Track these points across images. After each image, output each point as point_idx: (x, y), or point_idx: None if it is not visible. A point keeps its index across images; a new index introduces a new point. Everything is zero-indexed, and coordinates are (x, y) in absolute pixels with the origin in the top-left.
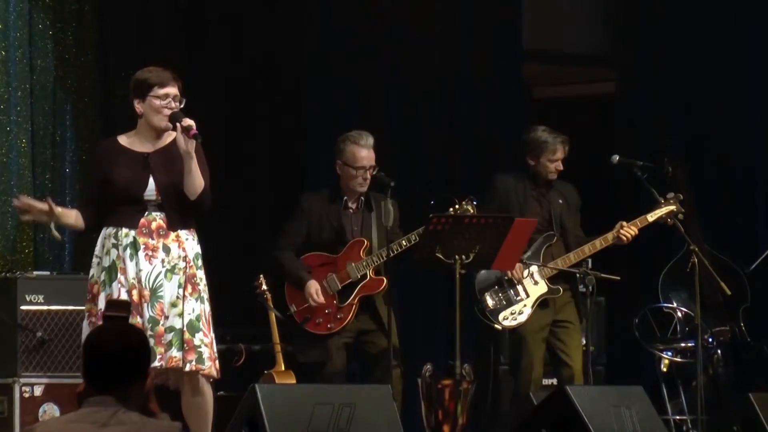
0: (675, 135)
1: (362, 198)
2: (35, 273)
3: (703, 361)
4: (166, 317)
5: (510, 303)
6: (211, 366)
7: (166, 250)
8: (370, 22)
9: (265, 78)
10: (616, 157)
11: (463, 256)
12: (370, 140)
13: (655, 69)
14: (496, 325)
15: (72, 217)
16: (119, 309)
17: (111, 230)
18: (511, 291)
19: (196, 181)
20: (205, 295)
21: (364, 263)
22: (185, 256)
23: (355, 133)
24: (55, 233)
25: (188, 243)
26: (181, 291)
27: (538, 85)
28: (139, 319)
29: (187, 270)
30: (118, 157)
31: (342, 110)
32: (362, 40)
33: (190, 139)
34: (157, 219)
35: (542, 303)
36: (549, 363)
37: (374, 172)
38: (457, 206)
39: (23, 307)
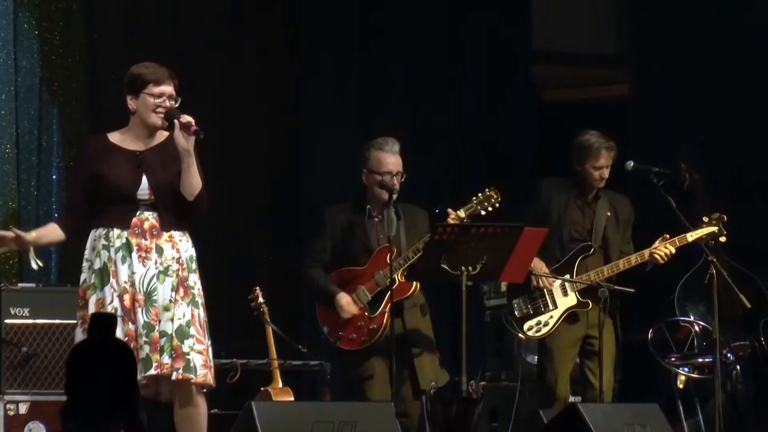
0: (692, 140)
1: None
2: (20, 285)
3: (722, 377)
4: (159, 321)
5: (537, 313)
6: (206, 374)
7: (159, 250)
8: (375, 22)
9: (261, 80)
10: (630, 163)
11: (470, 268)
12: (396, 146)
13: (671, 70)
14: (519, 334)
15: (49, 235)
16: (103, 323)
17: (101, 231)
18: (540, 301)
19: (194, 180)
20: (200, 300)
21: (389, 270)
22: (179, 258)
23: (381, 140)
24: (35, 261)
25: (182, 244)
26: (173, 294)
27: (550, 87)
28: (131, 326)
29: (180, 272)
30: (109, 155)
31: (345, 115)
32: (367, 43)
33: (190, 136)
34: (149, 218)
35: (573, 317)
36: (577, 381)
37: (403, 179)
38: (480, 195)
39: (8, 321)
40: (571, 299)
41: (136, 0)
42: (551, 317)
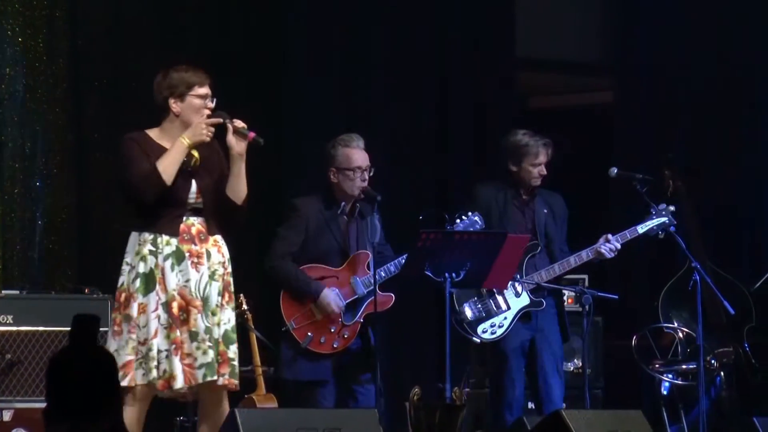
0: (677, 146)
1: (357, 205)
2: (4, 292)
3: (706, 383)
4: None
5: (490, 315)
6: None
7: (208, 255)
8: (359, 29)
9: (243, 85)
10: (614, 170)
11: (454, 274)
12: (361, 142)
13: (656, 78)
14: (474, 338)
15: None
16: (87, 325)
17: (148, 236)
18: (492, 302)
19: (243, 185)
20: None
21: (369, 278)
22: (224, 262)
23: (345, 136)
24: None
25: (224, 248)
26: (220, 299)
27: (534, 94)
28: (178, 334)
29: (225, 277)
30: (158, 155)
31: (328, 119)
32: (351, 49)
33: (244, 141)
34: (195, 224)
35: (524, 316)
36: (526, 386)
37: (371, 173)
38: (465, 216)
39: None
40: (524, 299)
41: (120, 7)
42: (505, 318)
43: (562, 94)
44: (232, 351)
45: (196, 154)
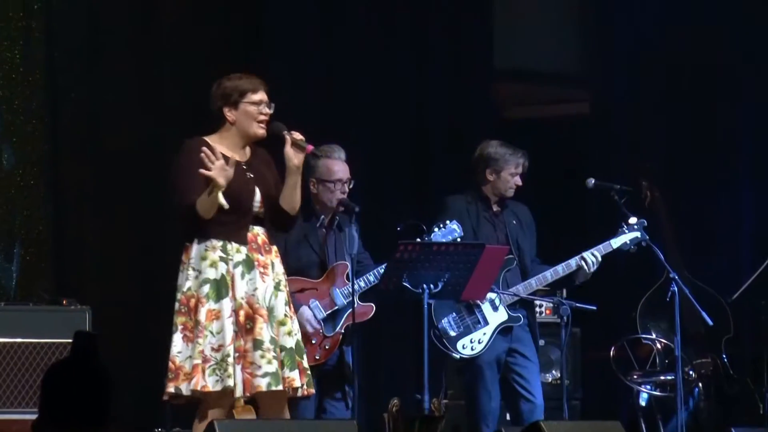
0: (653, 157)
1: (336, 217)
2: None
3: (684, 394)
4: (278, 336)
5: (469, 331)
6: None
7: (272, 265)
8: (337, 41)
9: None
10: (591, 181)
11: (432, 286)
12: (342, 153)
13: (632, 88)
14: (453, 354)
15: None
16: (87, 342)
17: (216, 242)
18: (470, 318)
19: (298, 196)
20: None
21: (348, 289)
22: (283, 272)
23: (326, 147)
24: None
25: (279, 257)
26: (287, 309)
27: (510, 105)
28: (242, 342)
29: (286, 287)
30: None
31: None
32: (329, 59)
33: (301, 153)
34: (260, 234)
35: (504, 330)
36: (503, 397)
37: (351, 185)
38: (442, 225)
39: None
40: (502, 314)
41: (97, 19)
42: (484, 334)
43: (538, 105)
44: (305, 361)
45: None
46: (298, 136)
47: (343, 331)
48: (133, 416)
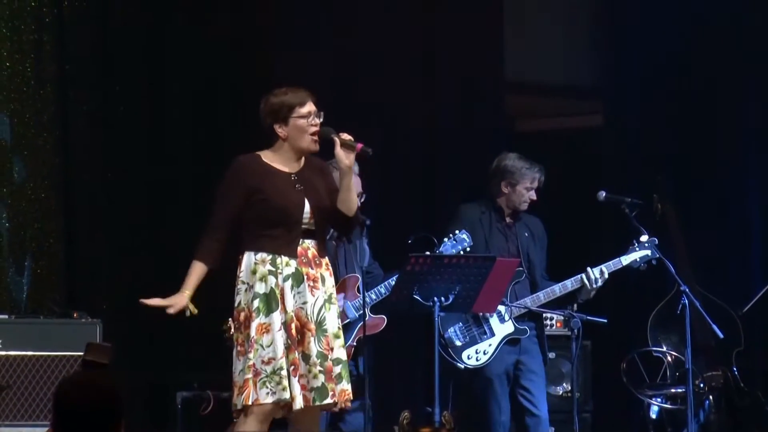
0: (665, 170)
1: None
2: None
3: (695, 407)
4: (331, 349)
5: (474, 341)
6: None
7: (322, 279)
8: (346, 53)
9: (232, 110)
10: (602, 194)
11: (442, 298)
12: (356, 167)
13: (644, 101)
14: (458, 364)
15: (197, 279)
16: (98, 354)
17: (265, 256)
18: (476, 329)
19: (354, 197)
20: None
21: (359, 301)
22: (334, 285)
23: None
24: (191, 309)
25: (330, 270)
26: (339, 322)
27: (522, 117)
28: (297, 355)
29: (337, 301)
30: (269, 176)
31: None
32: (340, 72)
33: (352, 153)
34: (311, 247)
35: (508, 341)
36: (511, 409)
37: (363, 199)
38: (452, 235)
39: None
40: (509, 326)
41: (107, 32)
42: (490, 345)
43: (550, 117)
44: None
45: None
46: (346, 136)
47: (355, 343)
48: (144, 429)
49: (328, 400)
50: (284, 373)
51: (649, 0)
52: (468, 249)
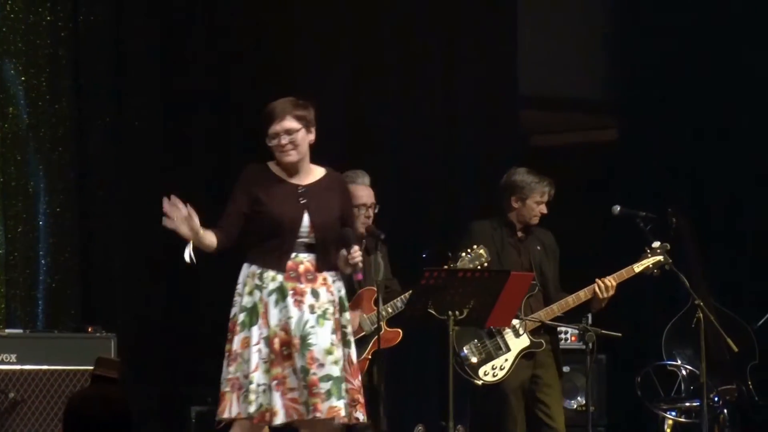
0: (680, 184)
1: (363, 242)
2: (7, 331)
3: (709, 421)
4: (321, 365)
5: (490, 357)
6: (360, 413)
7: (315, 294)
8: (362, 68)
9: (246, 126)
10: (617, 208)
11: (457, 312)
12: (367, 179)
13: (659, 115)
14: (475, 381)
15: (207, 238)
16: (108, 369)
17: (255, 269)
18: (491, 344)
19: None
20: (351, 338)
21: (376, 315)
22: (333, 300)
23: (351, 173)
24: (191, 255)
25: (335, 285)
26: (334, 337)
27: (537, 132)
28: (280, 369)
29: (335, 315)
30: (272, 186)
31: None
32: (354, 85)
33: (348, 271)
34: (304, 262)
35: (527, 356)
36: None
37: (376, 210)
38: (470, 250)
39: None
40: (524, 340)
41: (122, 46)
42: (506, 360)
43: (565, 132)
44: (343, 389)
45: None
46: (357, 258)
47: (370, 356)
48: None
49: (310, 416)
50: (253, 387)
51: (664, 16)
52: (485, 264)
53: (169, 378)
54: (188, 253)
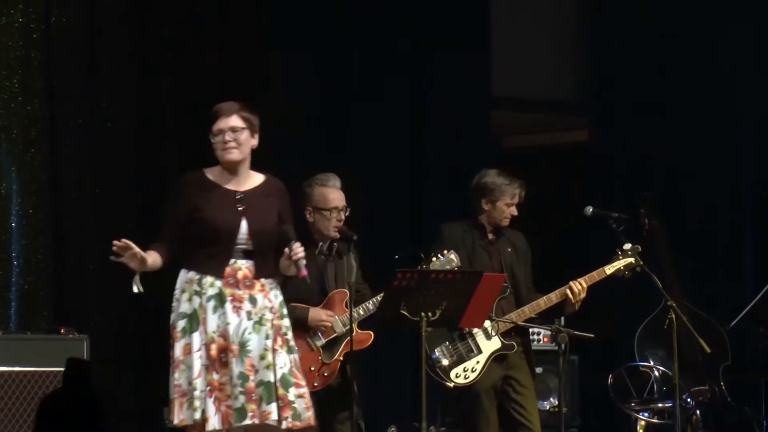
0: (652, 184)
1: (335, 244)
2: None
3: (682, 422)
4: (256, 371)
5: (462, 359)
6: (309, 416)
7: (253, 301)
8: (332, 69)
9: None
10: (589, 209)
11: (430, 314)
12: (338, 181)
13: (630, 116)
14: (447, 383)
15: (154, 259)
16: (80, 369)
17: (193, 275)
18: (463, 346)
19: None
20: (293, 344)
21: (347, 316)
22: (272, 307)
23: (322, 176)
24: (138, 286)
25: (273, 292)
26: (269, 343)
27: (509, 133)
28: (215, 375)
29: (274, 321)
30: (209, 194)
31: (304, 158)
32: (325, 87)
33: (293, 270)
34: (242, 268)
35: (499, 358)
36: (501, 425)
37: (347, 213)
38: (441, 255)
39: None
40: (495, 342)
41: (95, 47)
42: (477, 362)
43: (537, 133)
44: (293, 393)
45: None
46: (299, 254)
47: (341, 358)
48: None
49: (247, 421)
50: (197, 393)
51: (634, 16)
52: (456, 269)
53: (143, 379)
54: (136, 285)
